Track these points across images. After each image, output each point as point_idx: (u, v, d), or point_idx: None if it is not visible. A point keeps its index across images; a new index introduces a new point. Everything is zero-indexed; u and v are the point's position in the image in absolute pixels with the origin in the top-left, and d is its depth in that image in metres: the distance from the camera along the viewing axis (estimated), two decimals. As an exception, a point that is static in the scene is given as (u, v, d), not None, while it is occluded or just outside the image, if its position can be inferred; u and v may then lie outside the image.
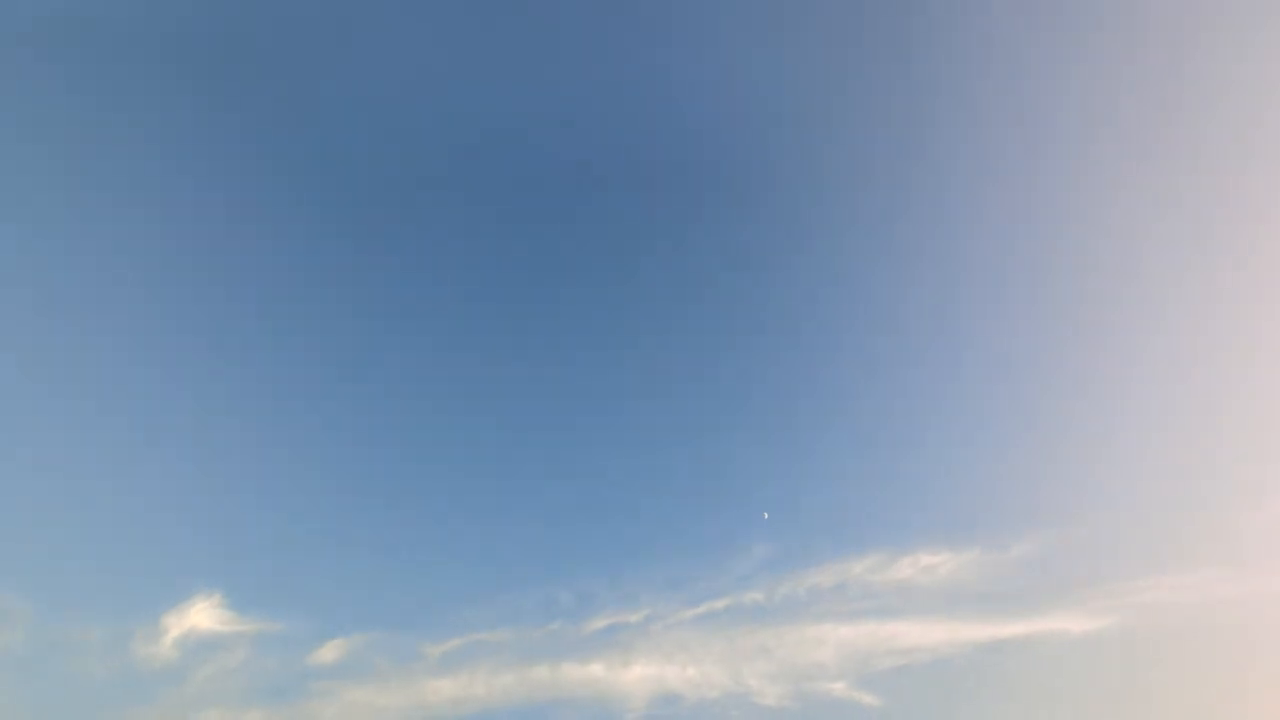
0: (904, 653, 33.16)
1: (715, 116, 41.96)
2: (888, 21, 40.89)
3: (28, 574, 31.39)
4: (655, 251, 42.26)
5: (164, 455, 34.84)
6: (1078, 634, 32.56)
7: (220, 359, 37.00)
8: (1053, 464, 36.04)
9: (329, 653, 33.02)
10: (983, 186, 40.25)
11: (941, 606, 33.56)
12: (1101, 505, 34.77)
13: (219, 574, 32.93)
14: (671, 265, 42.29)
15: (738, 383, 40.70)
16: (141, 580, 32.54)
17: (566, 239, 42.15)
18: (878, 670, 32.94)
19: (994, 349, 38.67)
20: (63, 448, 33.55)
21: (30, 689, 30.17)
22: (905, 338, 39.87)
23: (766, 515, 36.19)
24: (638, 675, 33.85)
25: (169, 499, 34.14)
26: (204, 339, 36.98)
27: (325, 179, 40.21)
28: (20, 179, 35.07)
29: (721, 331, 41.76)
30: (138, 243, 36.83)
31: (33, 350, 33.94)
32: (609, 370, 40.87)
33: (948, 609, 33.54)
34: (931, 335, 39.49)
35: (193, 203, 37.80)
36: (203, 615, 32.34)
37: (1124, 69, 39.12)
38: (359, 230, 40.48)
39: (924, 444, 37.77)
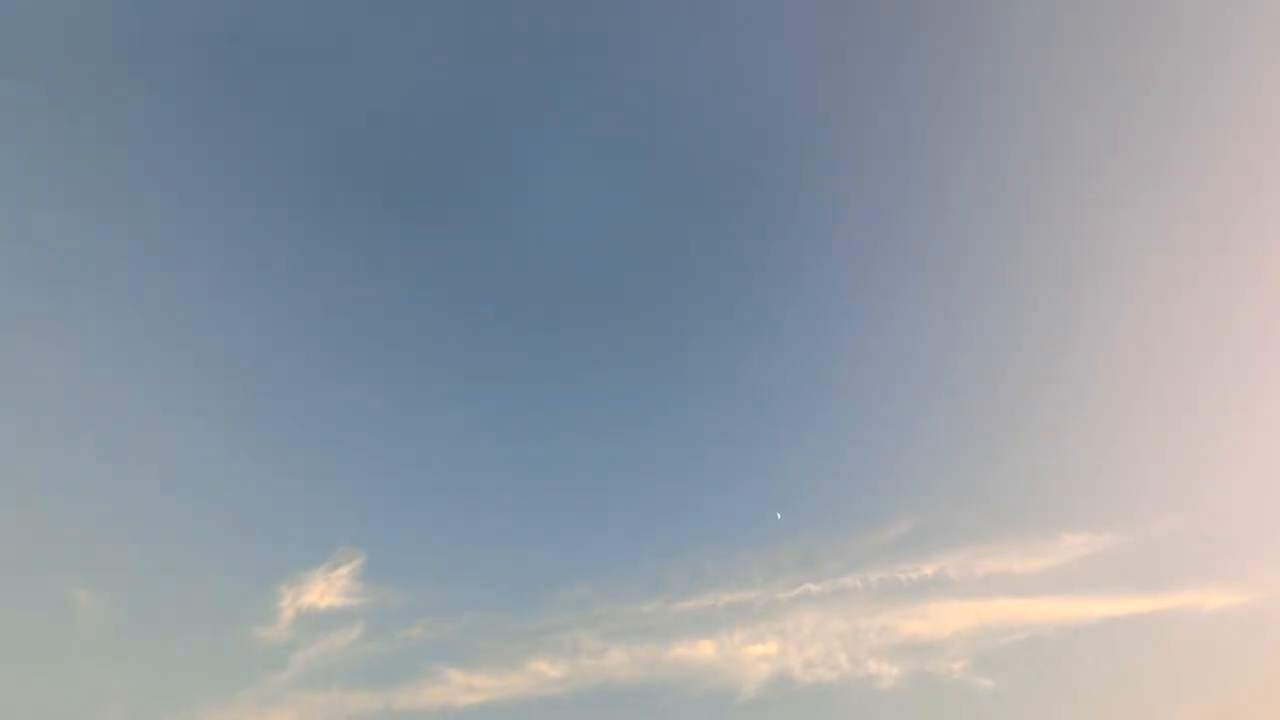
0: (1027, 628, 32.35)
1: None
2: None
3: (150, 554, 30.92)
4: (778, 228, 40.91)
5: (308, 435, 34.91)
6: (1210, 611, 31.79)
7: (365, 352, 37.08)
8: (1197, 444, 35.54)
9: (432, 631, 32.00)
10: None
11: (1072, 585, 32.90)
12: (1243, 485, 34.18)
13: (354, 539, 32.61)
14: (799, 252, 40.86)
15: (870, 363, 39.30)
16: (260, 555, 32.20)
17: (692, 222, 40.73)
18: (1000, 646, 32.09)
19: (1135, 337, 37.86)
20: (204, 418, 33.50)
21: (127, 671, 29.22)
22: (1054, 326, 38.79)
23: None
24: (751, 655, 32.32)
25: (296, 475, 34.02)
26: (356, 327, 37.36)
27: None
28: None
29: (856, 314, 40.28)
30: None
31: (188, 323, 34.73)
32: (724, 347, 39.77)
33: (1078, 587, 32.88)
34: (1075, 321, 38.46)
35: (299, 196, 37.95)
36: (323, 588, 31.57)
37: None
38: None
39: (1067, 427, 36.94)
